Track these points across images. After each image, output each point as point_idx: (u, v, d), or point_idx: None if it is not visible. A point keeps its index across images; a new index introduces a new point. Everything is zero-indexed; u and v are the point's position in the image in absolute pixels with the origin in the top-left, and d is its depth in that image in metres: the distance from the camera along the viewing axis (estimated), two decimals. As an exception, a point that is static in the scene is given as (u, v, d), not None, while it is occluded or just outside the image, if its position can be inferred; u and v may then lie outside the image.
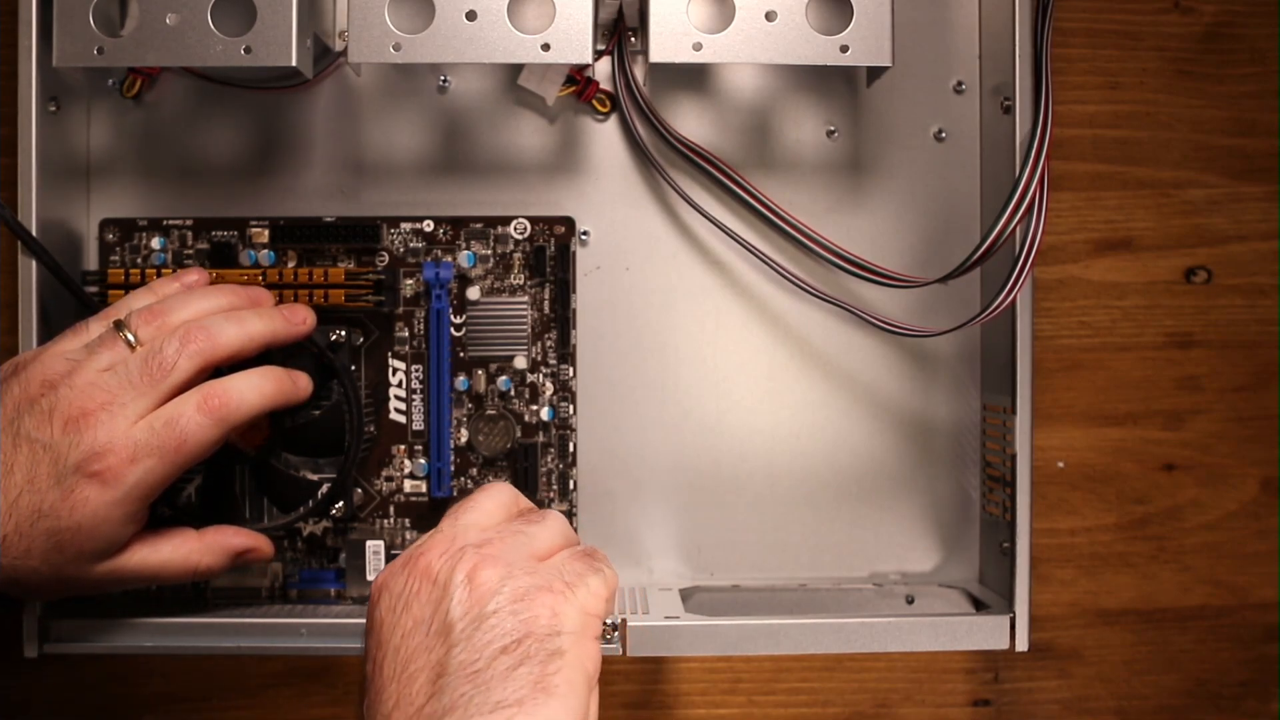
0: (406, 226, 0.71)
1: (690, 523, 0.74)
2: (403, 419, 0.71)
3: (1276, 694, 0.77)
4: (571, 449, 0.72)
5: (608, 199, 0.73)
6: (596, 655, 0.49)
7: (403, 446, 0.72)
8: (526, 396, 0.72)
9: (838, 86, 0.74)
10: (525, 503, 0.59)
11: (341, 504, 0.69)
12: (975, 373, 0.74)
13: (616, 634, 0.64)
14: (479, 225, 0.71)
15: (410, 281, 0.71)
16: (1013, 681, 0.77)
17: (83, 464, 0.56)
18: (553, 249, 0.72)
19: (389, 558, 0.70)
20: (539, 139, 0.73)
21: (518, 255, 0.72)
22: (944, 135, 0.74)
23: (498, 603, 0.49)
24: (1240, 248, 0.76)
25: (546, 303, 0.72)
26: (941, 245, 0.73)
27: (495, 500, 0.57)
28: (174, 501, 0.67)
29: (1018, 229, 0.66)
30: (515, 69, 0.72)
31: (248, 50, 0.63)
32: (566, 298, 0.71)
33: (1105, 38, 0.75)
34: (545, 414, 0.72)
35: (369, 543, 0.70)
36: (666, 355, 0.74)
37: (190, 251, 0.71)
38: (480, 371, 0.71)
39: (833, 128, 0.74)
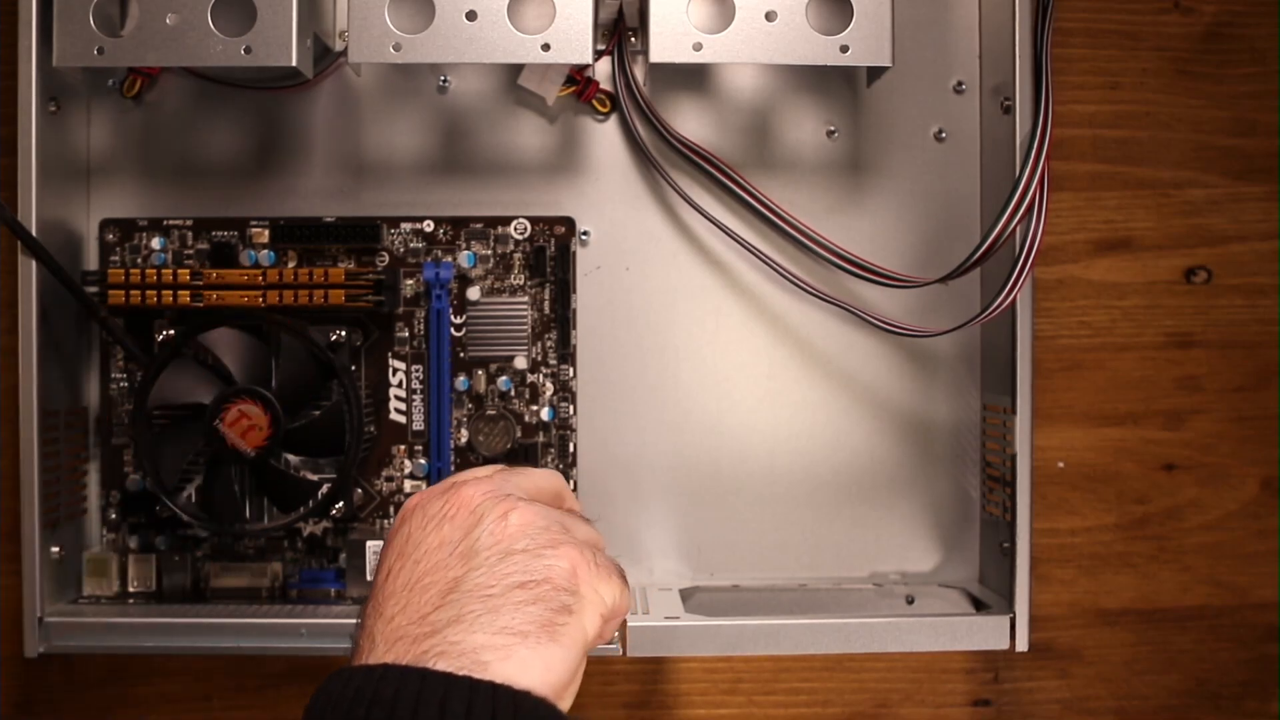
0: (406, 226, 0.71)
1: (690, 523, 0.74)
2: (403, 419, 0.71)
3: (1276, 694, 0.77)
4: (571, 449, 0.72)
5: (608, 199, 0.73)
6: (596, 630, 0.50)
7: (403, 446, 0.72)
8: (526, 396, 0.72)
9: (838, 86, 0.74)
10: (572, 499, 0.60)
11: (341, 504, 0.69)
12: (975, 373, 0.74)
13: (616, 634, 0.64)
14: (479, 225, 0.71)
15: (410, 281, 0.71)
16: (1013, 681, 0.77)
17: None
18: (553, 249, 0.72)
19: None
20: (539, 139, 0.73)
21: (518, 255, 0.72)
22: (944, 135, 0.74)
23: (526, 544, 0.49)
24: (1240, 248, 0.76)
25: (546, 303, 0.72)
26: (941, 245, 0.73)
27: (547, 479, 0.57)
28: (174, 501, 0.67)
29: (1018, 229, 0.66)
30: (515, 69, 0.72)
31: (248, 50, 0.63)
32: (566, 298, 0.71)
33: (1105, 38, 0.75)
34: (545, 414, 0.72)
35: (369, 543, 0.70)
36: (666, 355, 0.74)
37: (190, 251, 0.71)
38: (480, 371, 0.71)
39: (833, 128, 0.74)
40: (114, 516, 0.72)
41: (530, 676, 0.45)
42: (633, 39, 0.71)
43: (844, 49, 0.64)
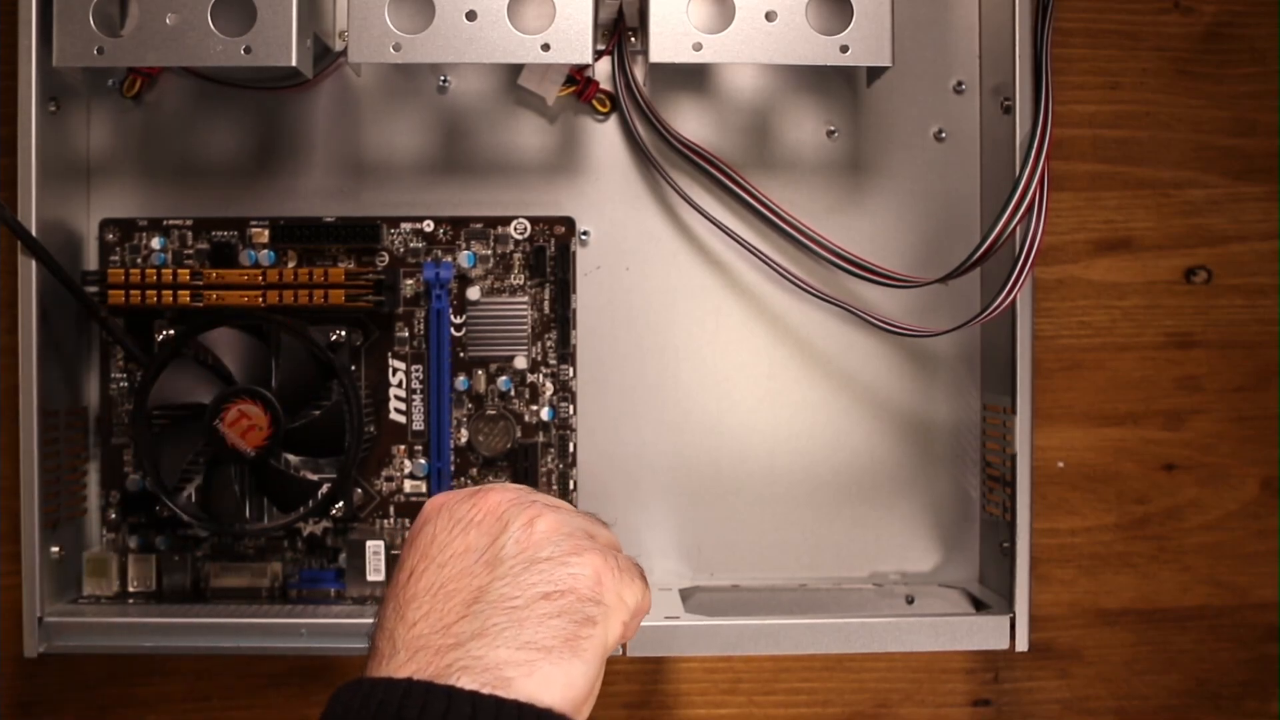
0: (406, 226, 0.71)
1: (690, 523, 0.74)
2: (403, 419, 0.71)
3: (1276, 694, 0.77)
4: (571, 449, 0.72)
5: (608, 199, 0.73)
6: (618, 636, 0.50)
7: (403, 446, 0.72)
8: (526, 396, 0.72)
9: (838, 86, 0.74)
10: None
11: (341, 504, 0.69)
12: (975, 373, 0.74)
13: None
14: (479, 225, 0.71)
15: (410, 281, 0.71)
16: (1013, 681, 0.77)
17: None
18: (553, 249, 0.72)
19: (389, 558, 0.70)
20: (539, 139, 0.73)
21: (518, 255, 0.72)
22: (944, 135, 0.74)
23: (551, 551, 0.49)
24: (1240, 248, 0.76)
25: (546, 303, 0.72)
26: (941, 245, 0.73)
27: (562, 502, 0.57)
28: (174, 501, 0.67)
29: (1018, 229, 0.66)
30: (515, 69, 0.72)
31: (248, 50, 0.63)
32: (566, 298, 0.71)
33: (1105, 38, 0.75)
34: (545, 414, 0.72)
35: (369, 543, 0.70)
36: (666, 355, 0.74)
37: (190, 251, 0.71)
38: (480, 371, 0.71)
39: (833, 128, 0.74)
40: (114, 516, 0.72)
41: (552, 694, 0.45)
42: (633, 39, 0.71)
43: (844, 49, 0.64)
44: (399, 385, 0.71)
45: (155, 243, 0.71)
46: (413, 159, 0.73)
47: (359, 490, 0.72)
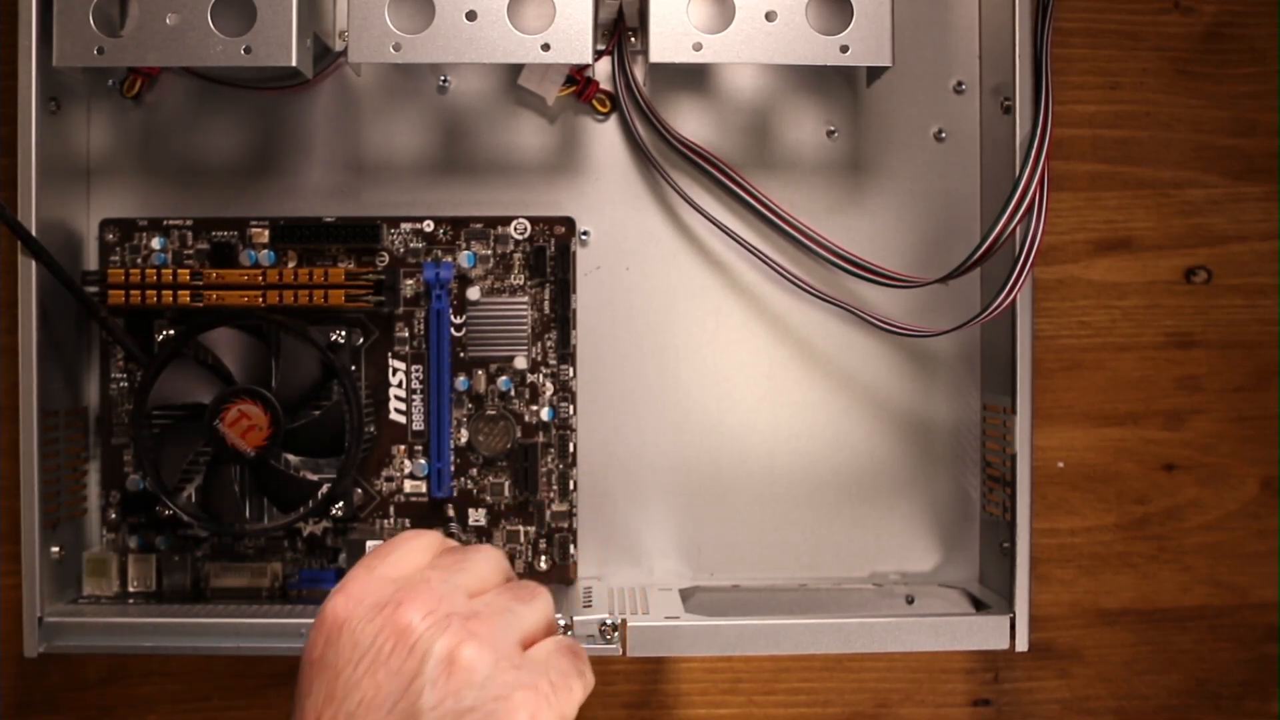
0: (406, 226, 0.71)
1: (690, 523, 0.74)
2: (403, 419, 0.71)
3: (1276, 694, 0.77)
4: (571, 449, 0.72)
5: (608, 199, 0.73)
6: None
7: (403, 446, 0.72)
8: (526, 396, 0.72)
9: (838, 86, 0.74)
10: (512, 573, 0.54)
11: (341, 504, 0.69)
12: (975, 373, 0.74)
13: (616, 634, 0.64)
14: (479, 225, 0.71)
15: (410, 282, 0.71)
16: (1013, 681, 0.77)
17: None
18: (553, 249, 0.72)
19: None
20: (539, 139, 0.73)
21: (518, 255, 0.72)
22: (944, 135, 0.74)
23: (475, 698, 0.44)
24: (1240, 248, 0.76)
25: (546, 303, 0.72)
26: (941, 245, 0.73)
27: (490, 565, 0.52)
28: (174, 501, 0.67)
29: (1018, 229, 0.66)
30: (515, 69, 0.72)
31: (248, 50, 0.63)
32: (566, 298, 0.71)
33: (1105, 38, 0.75)
34: (545, 414, 0.72)
35: (369, 543, 0.70)
36: (666, 355, 0.74)
37: (190, 251, 0.71)
38: (480, 371, 0.71)
39: (833, 128, 0.74)
40: (114, 516, 0.72)
41: None
42: (633, 39, 0.71)
43: (844, 49, 0.64)
44: (399, 385, 0.71)
45: (155, 243, 0.71)
46: (413, 159, 0.73)
47: (359, 490, 0.72)
